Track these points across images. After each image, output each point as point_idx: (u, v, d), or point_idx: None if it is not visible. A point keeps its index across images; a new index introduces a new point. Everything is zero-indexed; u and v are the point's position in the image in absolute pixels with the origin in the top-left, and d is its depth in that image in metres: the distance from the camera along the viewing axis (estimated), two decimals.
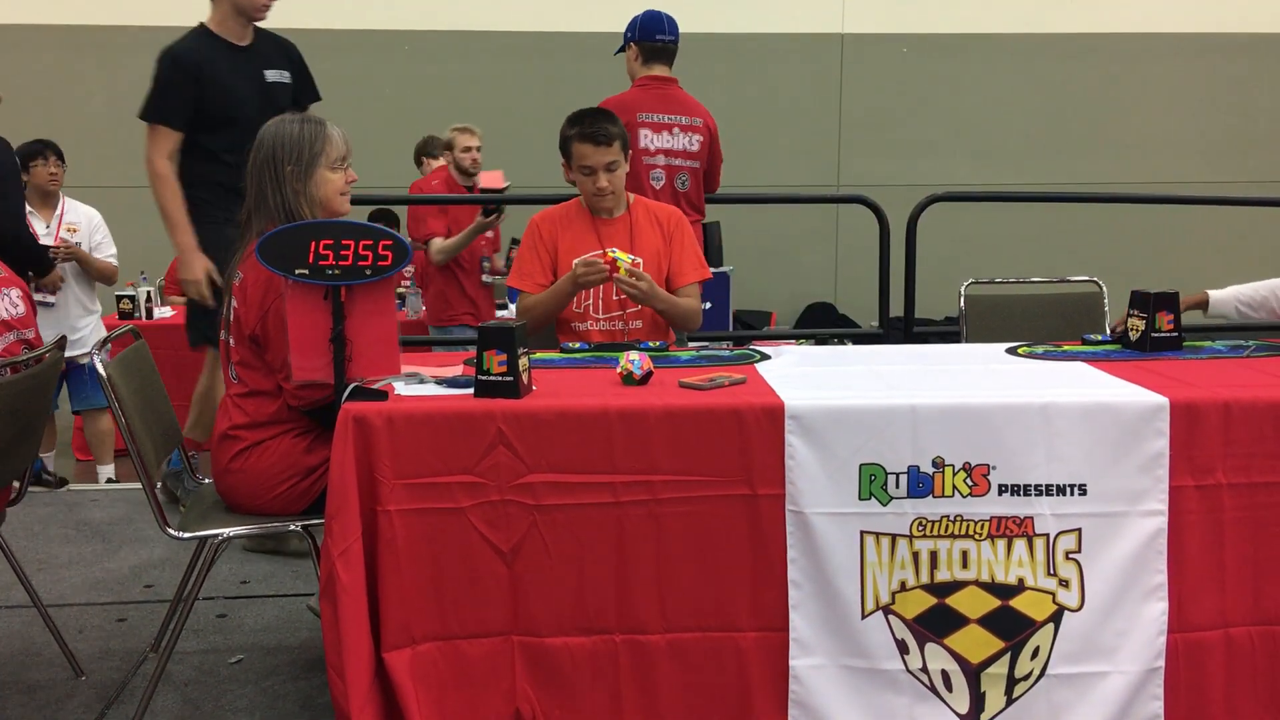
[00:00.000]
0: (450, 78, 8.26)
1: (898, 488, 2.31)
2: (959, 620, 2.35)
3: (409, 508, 2.30)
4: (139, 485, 2.67)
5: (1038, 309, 3.98)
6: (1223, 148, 8.82)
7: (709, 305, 5.75)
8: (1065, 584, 2.34)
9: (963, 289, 3.95)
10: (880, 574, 2.33)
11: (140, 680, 2.93)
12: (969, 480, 2.32)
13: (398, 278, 2.47)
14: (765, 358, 2.85)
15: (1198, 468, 2.34)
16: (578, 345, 3.04)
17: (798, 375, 2.61)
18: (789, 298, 8.73)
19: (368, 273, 2.35)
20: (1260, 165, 8.78)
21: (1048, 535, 2.33)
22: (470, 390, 2.38)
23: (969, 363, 2.88)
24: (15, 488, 2.93)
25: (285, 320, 2.42)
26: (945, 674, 2.36)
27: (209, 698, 2.88)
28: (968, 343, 3.81)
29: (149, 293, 6.19)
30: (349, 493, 2.26)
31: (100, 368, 2.56)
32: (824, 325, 8.41)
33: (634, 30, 4.38)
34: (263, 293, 2.62)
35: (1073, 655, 2.35)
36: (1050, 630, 2.35)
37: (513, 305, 4.51)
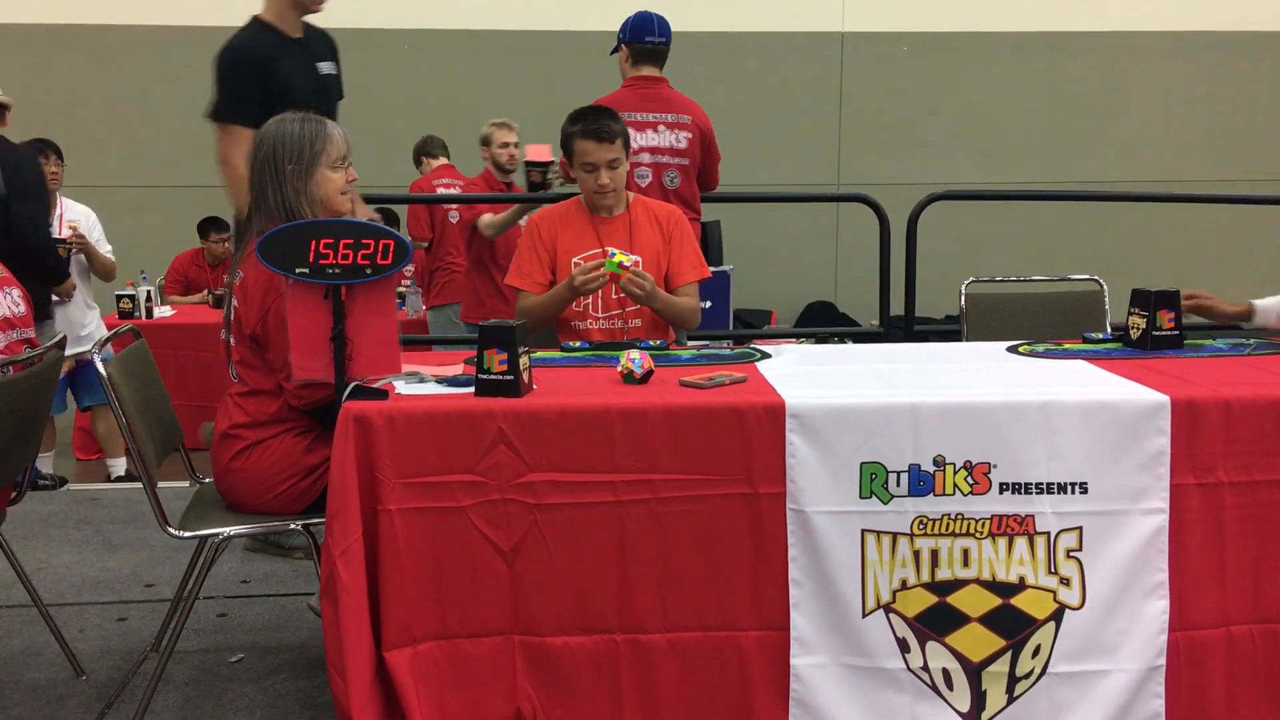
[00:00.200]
0: (450, 78, 8.25)
1: (898, 486, 2.31)
2: (960, 619, 2.35)
3: (410, 507, 2.30)
4: (139, 484, 2.67)
5: (1038, 307, 3.97)
6: (1223, 146, 8.81)
7: (709, 304, 5.75)
8: (1066, 582, 2.34)
9: (963, 287, 3.95)
10: (881, 572, 2.33)
11: (141, 680, 2.93)
12: (970, 479, 2.31)
13: (398, 277, 2.47)
14: (766, 356, 2.85)
15: (1199, 466, 2.34)
16: (578, 344, 3.04)
17: (798, 374, 2.61)
18: (789, 296, 8.73)
19: (368, 272, 2.36)
20: (1261, 163, 8.77)
21: (1049, 533, 2.33)
22: (471, 389, 2.38)
23: (969, 361, 2.88)
24: (18, 484, 2.93)
25: (286, 319, 2.42)
26: (946, 672, 2.36)
27: (209, 697, 2.88)
28: (968, 341, 3.80)
29: (149, 292, 6.20)
30: (350, 492, 2.26)
31: (101, 367, 2.56)
32: (824, 324, 8.41)
33: (625, 32, 4.38)
34: (263, 292, 2.62)
35: (1074, 654, 2.35)
36: (1051, 628, 2.35)
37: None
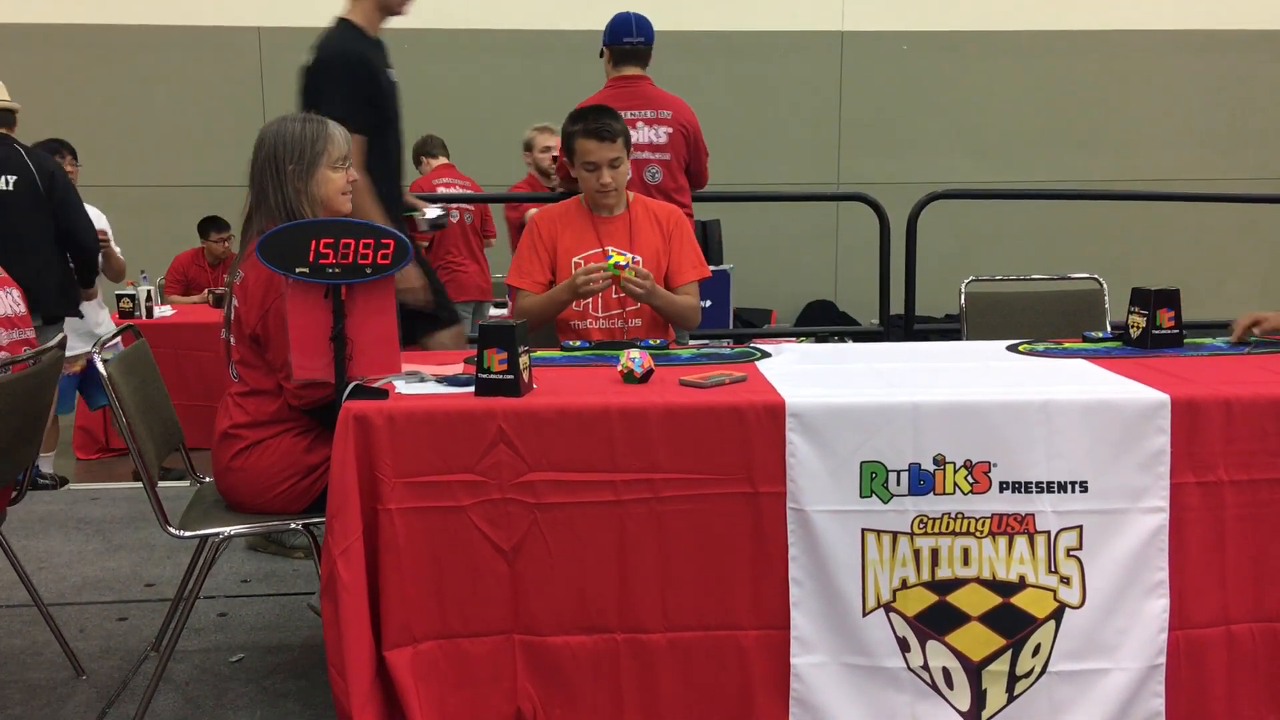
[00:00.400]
0: (450, 77, 8.24)
1: (899, 485, 2.31)
2: (960, 618, 2.35)
3: (410, 506, 2.30)
4: (139, 484, 2.66)
5: (1038, 306, 3.98)
6: (1223, 144, 8.82)
7: (709, 303, 5.74)
8: (1066, 581, 2.34)
9: (963, 286, 3.95)
10: (881, 571, 2.33)
11: (141, 679, 2.92)
12: (970, 478, 2.31)
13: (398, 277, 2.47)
14: (766, 355, 2.85)
15: (1199, 464, 2.34)
16: (578, 343, 3.04)
17: (798, 373, 2.61)
18: (789, 296, 8.73)
19: (368, 271, 2.35)
20: (1260, 162, 8.78)
21: (1049, 532, 2.33)
22: (471, 389, 2.38)
23: (969, 360, 2.88)
24: (19, 483, 2.93)
25: (286, 319, 2.42)
26: (946, 671, 2.36)
27: (210, 696, 2.88)
28: (968, 340, 3.80)
29: (149, 292, 6.19)
30: (350, 491, 2.26)
31: (101, 366, 2.56)
32: (824, 323, 8.42)
33: (605, 34, 4.41)
34: (263, 291, 2.62)
35: (1074, 652, 2.35)
36: (1051, 627, 2.35)
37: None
